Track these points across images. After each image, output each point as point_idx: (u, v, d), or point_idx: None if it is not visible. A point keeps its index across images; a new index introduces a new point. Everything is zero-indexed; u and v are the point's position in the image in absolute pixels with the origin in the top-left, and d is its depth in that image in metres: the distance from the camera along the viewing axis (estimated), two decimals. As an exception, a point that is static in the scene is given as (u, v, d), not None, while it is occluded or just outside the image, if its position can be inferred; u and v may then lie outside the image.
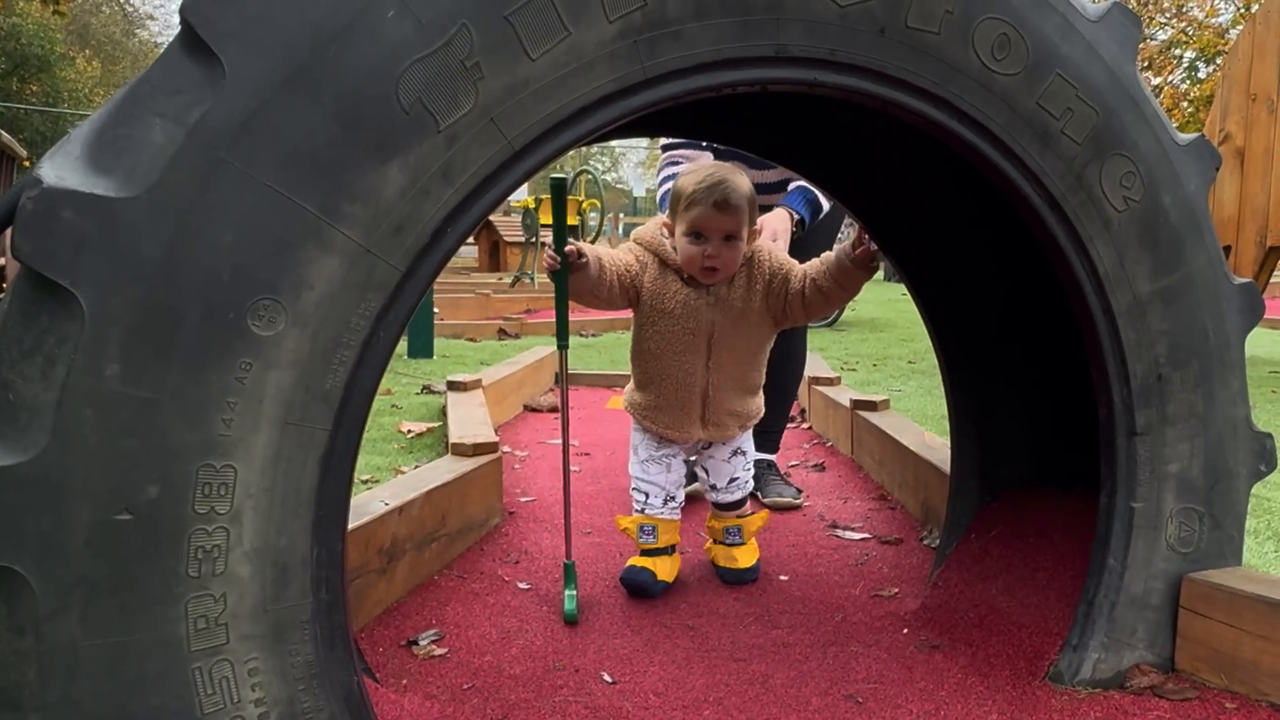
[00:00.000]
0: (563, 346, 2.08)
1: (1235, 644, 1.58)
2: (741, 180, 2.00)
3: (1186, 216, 1.60)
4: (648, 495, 2.20)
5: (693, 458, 2.35)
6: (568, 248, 1.94)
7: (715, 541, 2.29)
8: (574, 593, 1.99)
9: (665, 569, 2.15)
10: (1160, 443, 1.63)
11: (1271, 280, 6.31)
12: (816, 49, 1.32)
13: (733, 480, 2.27)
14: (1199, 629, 1.63)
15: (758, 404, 2.27)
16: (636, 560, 2.15)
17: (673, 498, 2.22)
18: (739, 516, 2.28)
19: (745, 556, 2.23)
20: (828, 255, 2.06)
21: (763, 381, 2.26)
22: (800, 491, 2.91)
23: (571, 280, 1.98)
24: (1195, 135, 1.63)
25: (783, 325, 2.18)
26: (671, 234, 2.08)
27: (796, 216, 2.81)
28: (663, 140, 3.01)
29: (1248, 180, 5.66)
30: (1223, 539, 1.70)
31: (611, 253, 2.10)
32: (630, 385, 2.25)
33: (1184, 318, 1.62)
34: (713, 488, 2.28)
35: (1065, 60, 1.46)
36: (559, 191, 1.96)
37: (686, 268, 2.04)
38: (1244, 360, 1.70)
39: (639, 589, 2.10)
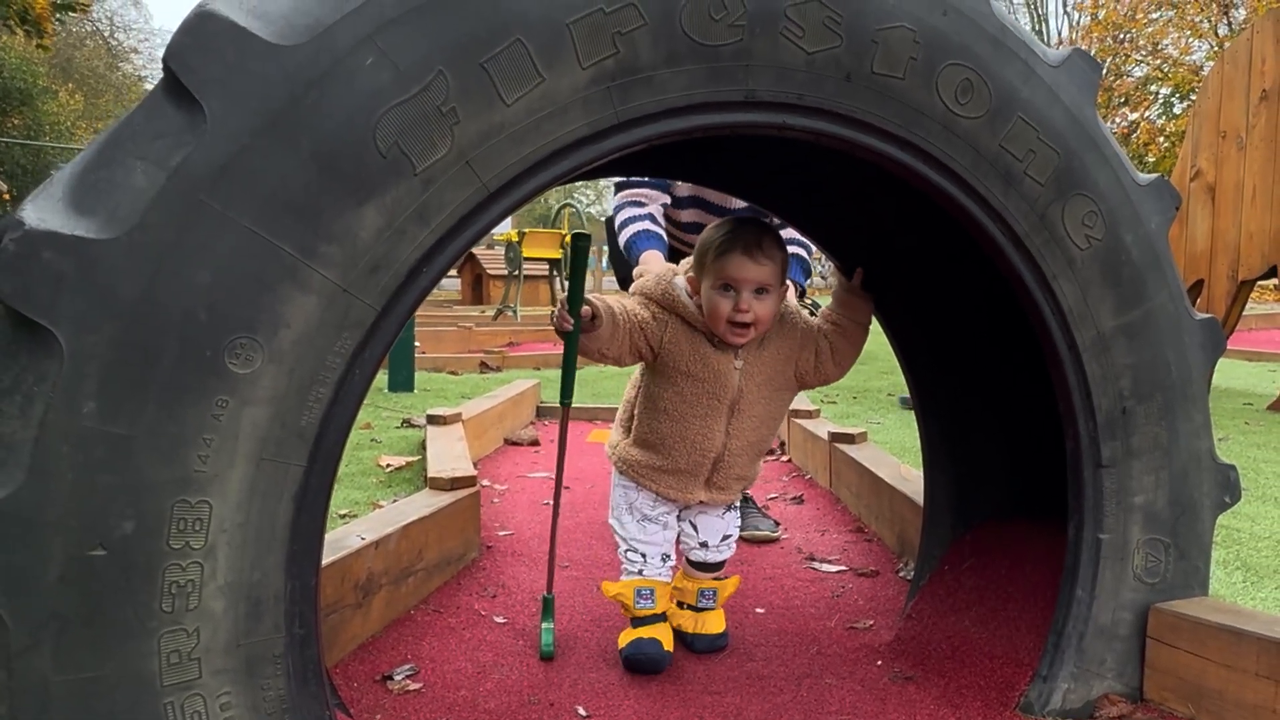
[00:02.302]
0: (566, 403, 1.96)
1: (1201, 673, 1.60)
2: (773, 230, 1.88)
3: (1148, 254, 1.64)
4: (645, 556, 2.01)
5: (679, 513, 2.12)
6: (583, 309, 1.80)
7: (682, 605, 2.09)
8: (551, 626, 1.99)
9: (667, 636, 1.97)
10: (1126, 475, 1.67)
11: (1244, 314, 6.41)
12: (785, 94, 1.36)
13: (726, 538, 2.09)
14: (1166, 659, 1.66)
15: (760, 465, 2.11)
16: (634, 632, 1.95)
17: (669, 556, 2.05)
18: (716, 579, 2.11)
19: (716, 622, 2.05)
20: (827, 305, 2.03)
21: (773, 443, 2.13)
22: (778, 524, 2.92)
23: (582, 339, 1.83)
24: (1155, 175, 1.68)
25: (809, 385, 2.05)
26: (696, 291, 1.90)
27: (799, 287, 2.76)
28: (617, 178, 2.86)
29: (1219, 216, 5.77)
30: (1189, 569, 1.73)
31: (626, 305, 1.92)
32: (625, 441, 2.03)
33: (1147, 352, 1.66)
34: (703, 545, 2.08)
35: (1027, 104, 1.50)
36: (580, 251, 1.80)
37: (712, 325, 1.85)
38: (1206, 394, 1.74)
39: (651, 663, 1.89)
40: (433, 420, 3.68)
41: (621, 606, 1.99)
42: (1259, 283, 5.76)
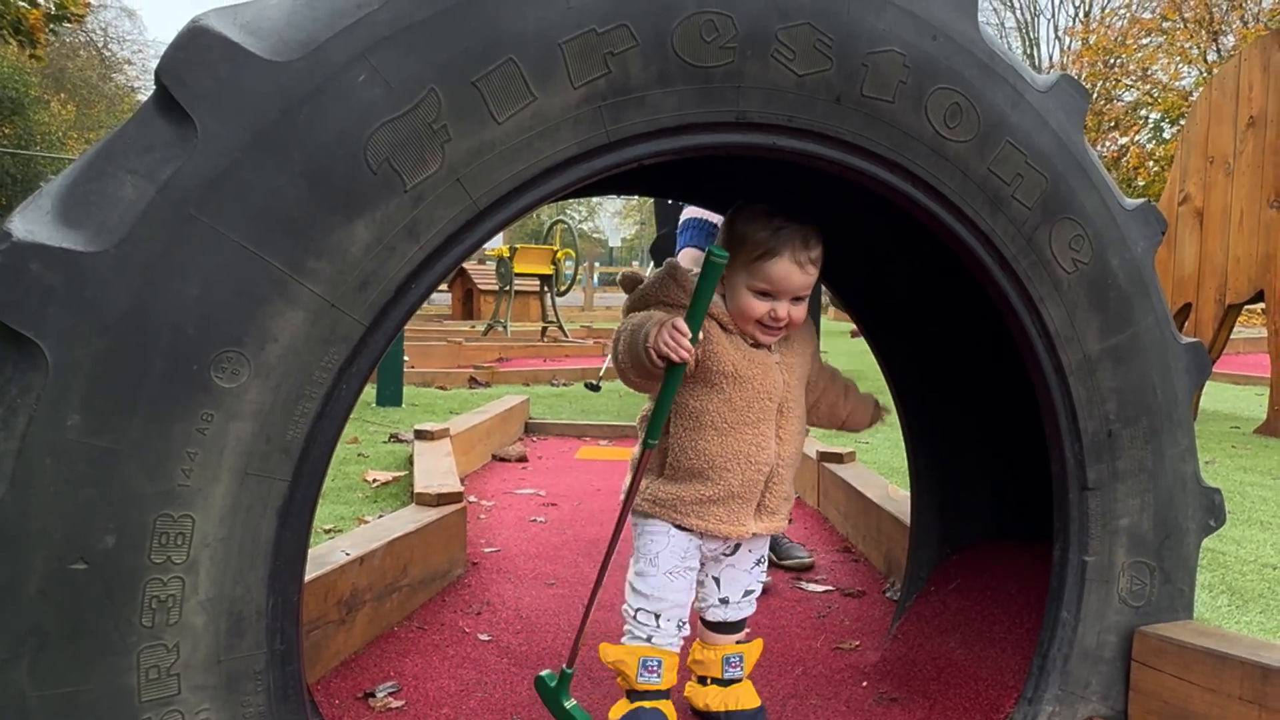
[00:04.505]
0: (651, 445, 1.61)
1: (1185, 697, 1.60)
2: (817, 227, 1.71)
3: (1134, 278, 1.66)
4: (659, 618, 1.69)
5: (702, 568, 1.81)
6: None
7: (704, 680, 1.82)
8: (577, 703, 1.65)
9: (671, 715, 1.72)
10: (1111, 498, 1.67)
11: (1231, 337, 6.45)
12: (775, 115, 1.37)
13: (748, 593, 1.83)
14: (1150, 682, 1.66)
15: None
16: (631, 704, 1.69)
17: (685, 623, 1.75)
18: (739, 643, 1.83)
19: (749, 695, 1.80)
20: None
21: None
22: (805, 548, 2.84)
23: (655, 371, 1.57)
24: (1141, 200, 1.70)
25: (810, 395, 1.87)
26: (721, 282, 1.68)
27: None
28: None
29: (1207, 240, 5.82)
30: (1174, 593, 1.73)
31: (659, 318, 1.61)
32: (656, 480, 1.71)
33: (1133, 376, 1.67)
34: (722, 602, 1.80)
35: (1015, 128, 1.52)
36: (715, 268, 1.51)
37: (739, 323, 1.68)
38: (1192, 417, 1.74)
39: None
40: (420, 435, 3.67)
41: (619, 675, 1.70)
42: (1246, 307, 5.80)
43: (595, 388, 4.86)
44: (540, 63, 1.18)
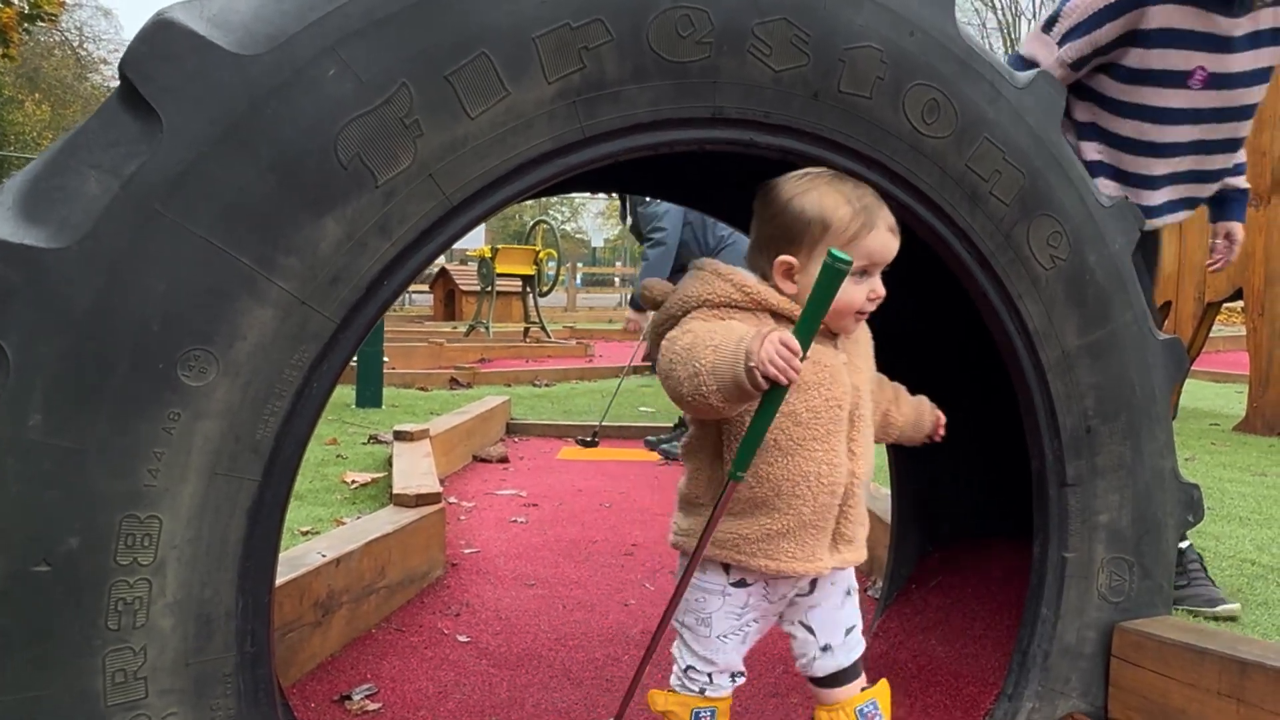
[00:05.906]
0: (739, 476, 1.34)
1: (1164, 692, 1.61)
2: None
3: (1112, 275, 1.66)
4: (712, 675, 1.51)
5: (777, 616, 1.56)
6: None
7: None
8: None
9: None
10: (1090, 494, 1.67)
11: (1211, 335, 6.49)
12: (752, 111, 1.36)
13: (850, 630, 1.56)
14: (1130, 677, 1.66)
15: None
16: None
17: (741, 674, 1.55)
18: (865, 689, 1.56)
19: None
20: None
21: None
22: None
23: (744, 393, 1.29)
24: (1118, 197, 1.70)
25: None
26: (786, 277, 1.43)
27: None
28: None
29: (1187, 238, 5.85)
30: (1153, 588, 1.74)
31: (724, 326, 1.38)
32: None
33: (1111, 372, 1.67)
34: (825, 650, 1.53)
35: (993, 125, 1.51)
36: (837, 277, 1.22)
37: (837, 319, 1.43)
38: (1169, 413, 1.75)
39: None
40: (399, 436, 3.65)
41: None
42: (1226, 305, 5.84)
43: (592, 443, 4.91)
44: (514, 57, 1.17)
